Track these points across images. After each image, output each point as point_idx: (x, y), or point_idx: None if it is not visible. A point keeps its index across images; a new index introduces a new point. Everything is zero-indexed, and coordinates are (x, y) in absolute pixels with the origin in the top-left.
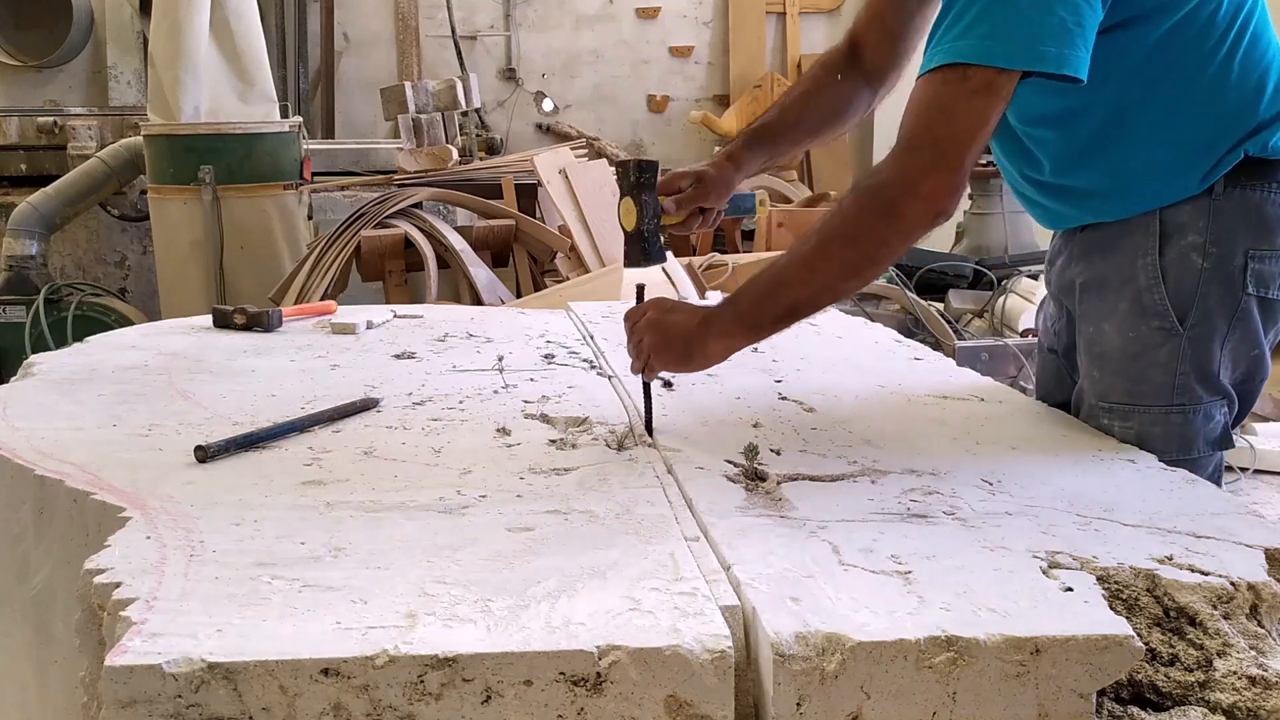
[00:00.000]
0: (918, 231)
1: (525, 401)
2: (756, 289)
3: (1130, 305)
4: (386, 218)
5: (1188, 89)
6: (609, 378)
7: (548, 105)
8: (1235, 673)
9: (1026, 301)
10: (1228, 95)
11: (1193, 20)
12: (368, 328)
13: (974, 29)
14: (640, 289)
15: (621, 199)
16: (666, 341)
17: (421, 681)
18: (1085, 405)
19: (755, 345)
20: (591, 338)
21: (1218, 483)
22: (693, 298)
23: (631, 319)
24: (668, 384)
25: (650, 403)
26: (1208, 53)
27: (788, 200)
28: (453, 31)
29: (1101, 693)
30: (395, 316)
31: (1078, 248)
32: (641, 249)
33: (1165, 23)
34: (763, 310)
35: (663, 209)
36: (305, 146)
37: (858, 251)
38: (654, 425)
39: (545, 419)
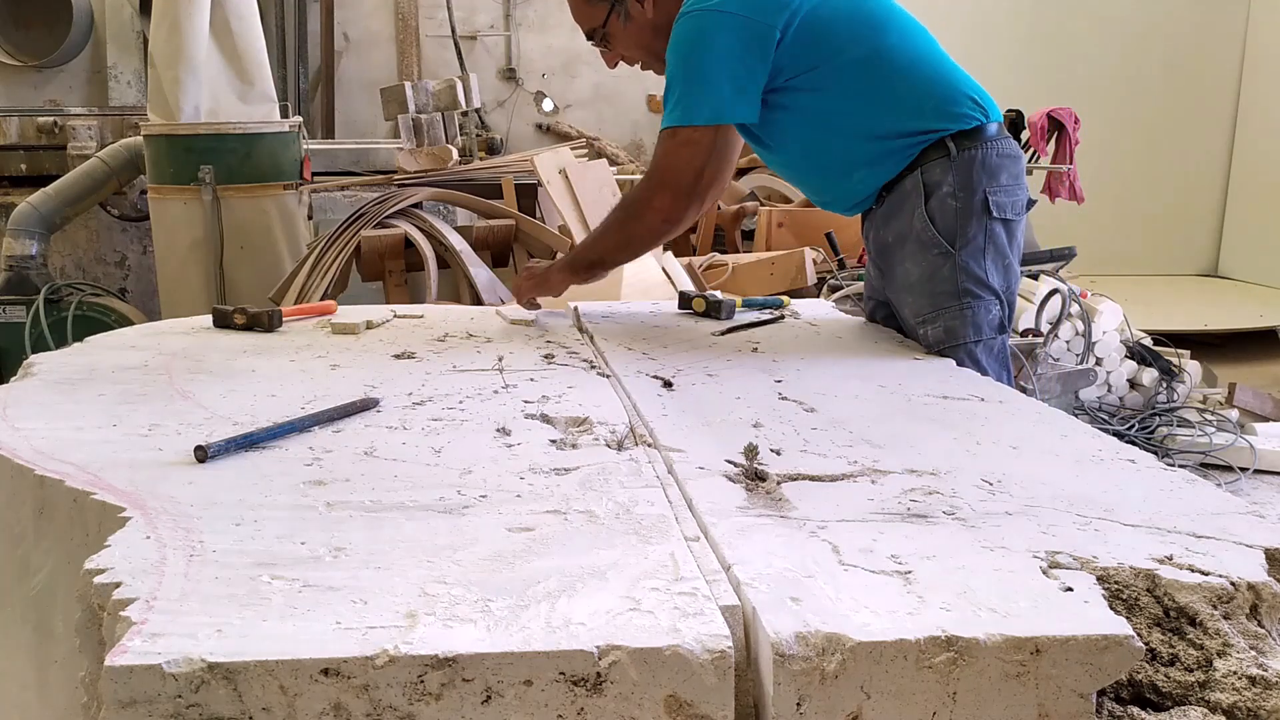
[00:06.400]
0: (655, 230)
1: (525, 401)
2: (580, 247)
3: (916, 244)
4: (386, 218)
5: (872, 104)
6: (609, 378)
7: (548, 105)
8: (1235, 673)
9: (1026, 301)
10: (898, 101)
11: (848, 66)
12: (367, 328)
13: (678, 104)
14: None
15: None
16: (532, 278)
17: (421, 681)
18: (907, 326)
19: (750, 336)
20: (592, 338)
21: (1006, 362)
22: None
23: (517, 279)
24: (668, 384)
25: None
26: (867, 80)
27: (788, 200)
28: (453, 31)
29: (1101, 693)
30: (395, 316)
31: (880, 219)
32: None
33: (827, 70)
34: (578, 262)
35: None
36: (305, 146)
37: (622, 236)
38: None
39: (545, 419)
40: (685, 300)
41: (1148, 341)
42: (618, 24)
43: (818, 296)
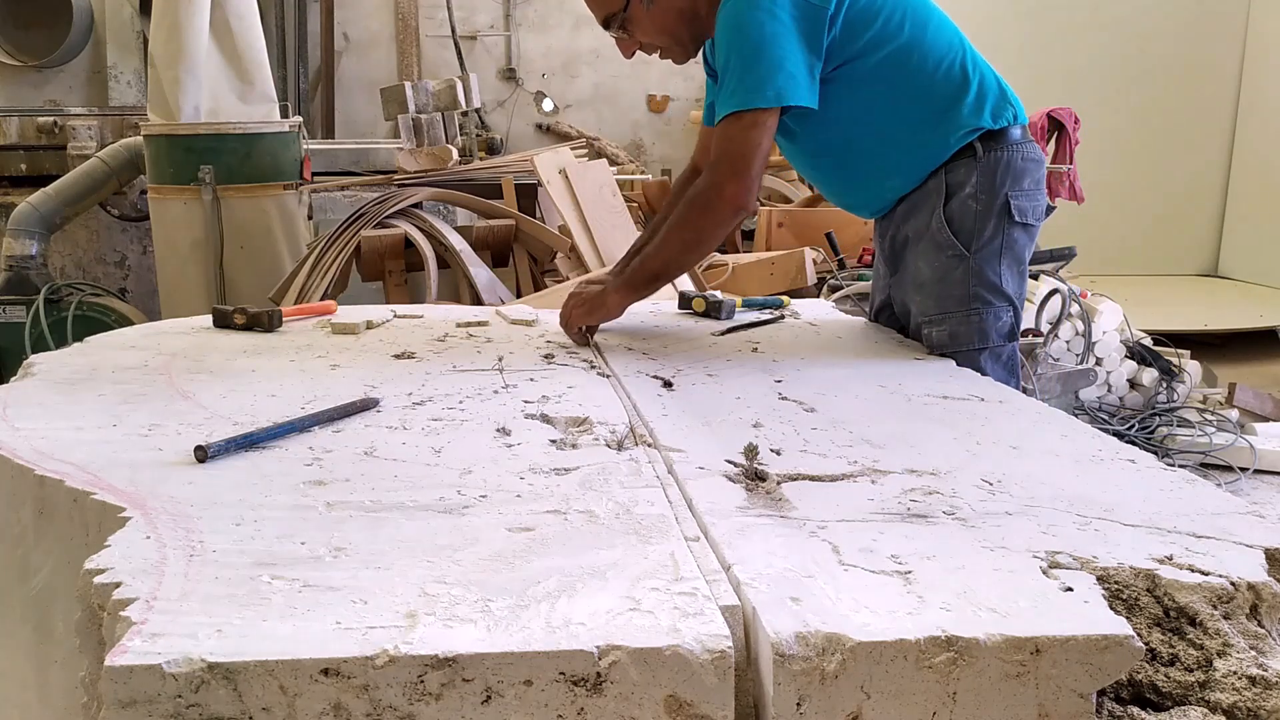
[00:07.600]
0: (726, 221)
1: (525, 401)
2: (636, 263)
3: (930, 245)
4: (386, 218)
5: (902, 102)
6: (609, 377)
7: (548, 105)
8: (1235, 673)
9: (1026, 301)
10: (936, 96)
11: (888, 58)
12: (367, 328)
13: (738, 87)
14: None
15: None
16: (584, 303)
17: (421, 681)
18: (913, 324)
19: (750, 336)
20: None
21: (1015, 369)
22: None
23: (565, 302)
24: (668, 384)
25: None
26: (907, 73)
27: (788, 200)
28: (453, 31)
29: (1101, 693)
30: (395, 316)
31: (899, 215)
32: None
33: (871, 60)
34: (638, 276)
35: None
36: (305, 146)
37: (689, 235)
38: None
39: (545, 419)
40: (685, 300)
41: (1148, 341)
42: (640, 8)
43: (818, 296)
